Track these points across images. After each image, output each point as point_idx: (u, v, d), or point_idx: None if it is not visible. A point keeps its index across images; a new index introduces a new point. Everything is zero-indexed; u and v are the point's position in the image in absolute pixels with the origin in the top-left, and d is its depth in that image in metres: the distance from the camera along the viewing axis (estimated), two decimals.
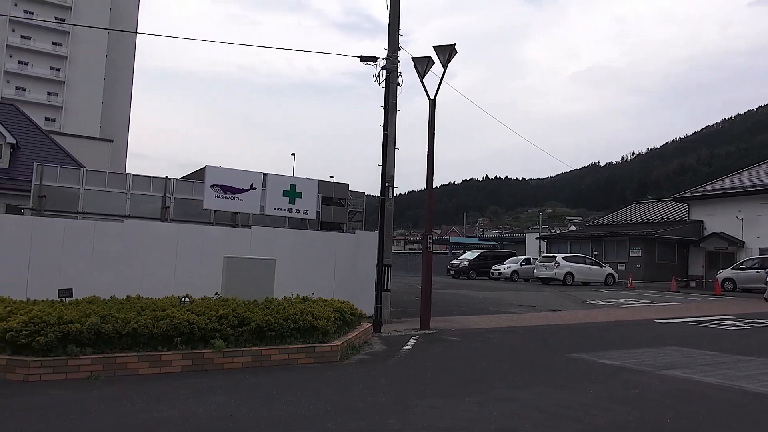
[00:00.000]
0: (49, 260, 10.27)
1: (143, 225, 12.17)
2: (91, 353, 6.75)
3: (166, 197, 14.46)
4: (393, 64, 12.45)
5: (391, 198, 12.51)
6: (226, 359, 7.42)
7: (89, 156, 28.95)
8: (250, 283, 8.96)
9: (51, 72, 70.92)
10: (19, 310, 6.98)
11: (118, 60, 75.15)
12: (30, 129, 26.88)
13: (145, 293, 8.90)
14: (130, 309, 7.57)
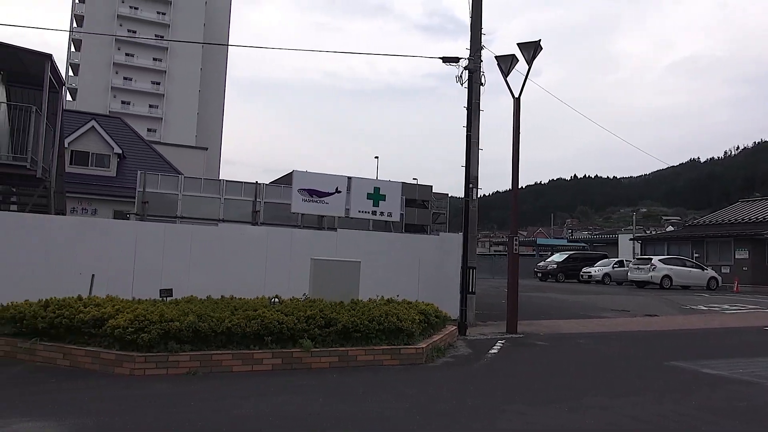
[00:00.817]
0: (151, 262, 10.95)
1: (236, 228, 12.72)
2: (190, 350, 7.12)
3: (256, 201, 15.07)
4: (475, 64, 12.30)
5: (475, 199, 12.35)
6: (314, 359, 7.59)
7: (186, 163, 30.68)
8: (336, 285, 9.14)
9: (152, 86, 75.89)
10: (126, 309, 7.49)
11: (212, 72, 79.26)
12: (134, 140, 28.87)
13: (238, 293, 9.30)
14: (224, 308, 7.92)
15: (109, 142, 25.68)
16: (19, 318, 7.57)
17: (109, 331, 7.09)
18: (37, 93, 14.80)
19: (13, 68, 14.69)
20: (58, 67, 14.60)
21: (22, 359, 7.36)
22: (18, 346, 7.44)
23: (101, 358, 7.00)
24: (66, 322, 7.34)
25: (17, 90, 15.88)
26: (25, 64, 14.11)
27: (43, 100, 13.83)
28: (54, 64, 14.10)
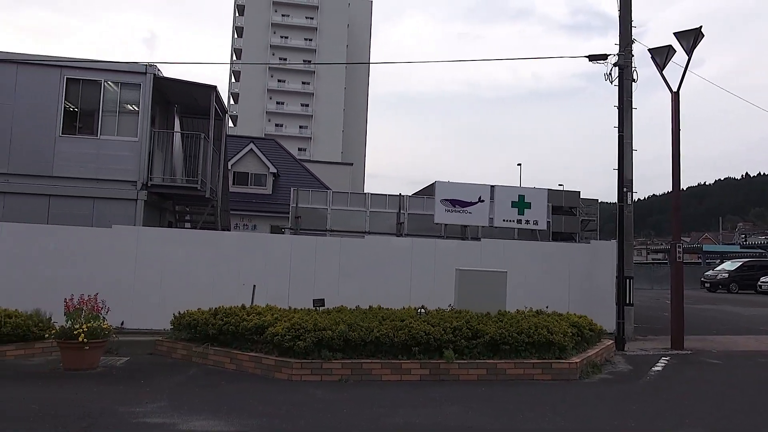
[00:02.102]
0: (304, 272, 11.58)
1: (381, 240, 13.06)
2: (341, 358, 7.39)
3: (400, 213, 15.36)
4: (626, 60, 11.52)
5: (629, 204, 11.51)
6: (462, 370, 7.50)
7: (333, 179, 32.20)
8: (481, 296, 8.98)
9: (301, 108, 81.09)
10: (283, 318, 7.98)
11: (355, 91, 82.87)
12: (286, 159, 30.94)
13: (384, 303, 9.51)
14: (372, 318, 8.13)
15: (266, 163, 27.78)
16: (193, 324, 8.38)
17: (269, 338, 7.59)
18: (204, 121, 16.44)
19: (185, 101, 16.49)
20: (221, 96, 16.12)
21: (197, 362, 8.13)
22: (193, 350, 8.24)
23: (262, 363, 7.50)
24: (232, 329, 7.99)
25: (188, 120, 17.79)
26: (194, 96, 15.76)
27: (210, 127, 15.32)
28: (218, 95, 15.58)
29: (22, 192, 13.62)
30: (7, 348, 7.91)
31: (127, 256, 10.74)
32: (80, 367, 7.39)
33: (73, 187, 13.81)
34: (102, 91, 14.27)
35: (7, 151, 13.76)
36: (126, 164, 14.05)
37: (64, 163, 13.87)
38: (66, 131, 14.07)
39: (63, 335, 7.39)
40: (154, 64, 14.22)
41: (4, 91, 13.89)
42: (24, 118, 13.90)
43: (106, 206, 13.77)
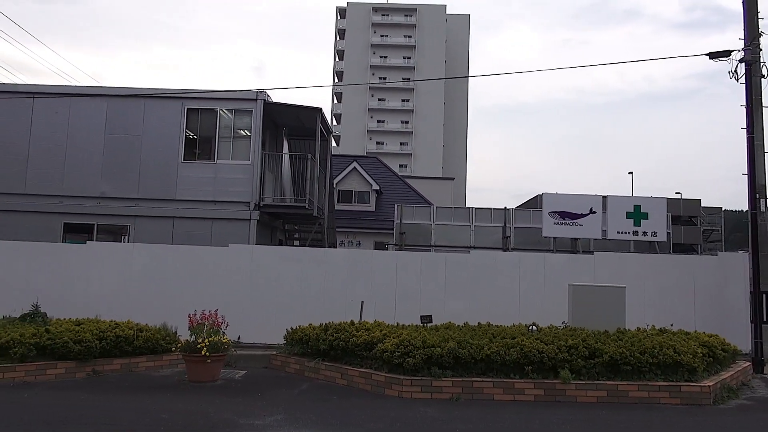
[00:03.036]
0: (410, 288, 11.58)
1: (487, 255, 12.80)
2: (451, 376, 7.26)
3: (506, 227, 15.02)
4: (754, 54, 10.56)
5: (764, 211, 10.48)
6: (579, 392, 7.11)
7: (434, 194, 32.19)
8: (598, 313, 8.50)
9: (401, 125, 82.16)
10: (392, 334, 7.99)
11: (455, 105, 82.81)
12: (388, 176, 31.38)
13: (492, 319, 9.27)
14: (482, 335, 7.94)
15: (369, 180, 28.33)
16: (305, 340, 8.61)
17: (378, 354, 7.62)
18: (311, 142, 17.06)
19: (292, 124, 17.22)
20: (326, 118, 16.66)
21: (309, 377, 8.33)
22: (305, 365, 8.46)
23: (372, 379, 7.54)
24: (342, 344, 8.12)
25: (295, 142, 18.56)
26: (301, 119, 16.42)
27: (316, 148, 15.87)
28: (323, 116, 16.12)
29: (150, 215, 14.78)
30: (139, 359, 8.53)
31: (242, 273, 11.29)
32: (203, 379, 7.81)
33: (193, 209, 14.80)
34: (218, 119, 15.24)
35: (137, 178, 15.02)
36: (240, 186, 14.85)
37: (186, 188, 14.92)
38: (187, 157, 15.15)
39: (187, 349, 7.85)
40: (264, 90, 14.99)
41: (134, 123, 15.22)
42: (151, 148, 15.13)
43: (223, 226, 14.61)
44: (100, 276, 11.11)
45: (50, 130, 15.31)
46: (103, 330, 8.32)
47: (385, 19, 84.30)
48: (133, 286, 11.04)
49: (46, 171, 15.16)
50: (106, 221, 14.97)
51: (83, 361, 7.97)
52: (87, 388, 7.26)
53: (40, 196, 15.03)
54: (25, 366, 7.58)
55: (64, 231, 14.82)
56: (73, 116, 15.33)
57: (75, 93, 15.57)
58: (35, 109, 15.41)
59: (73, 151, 15.21)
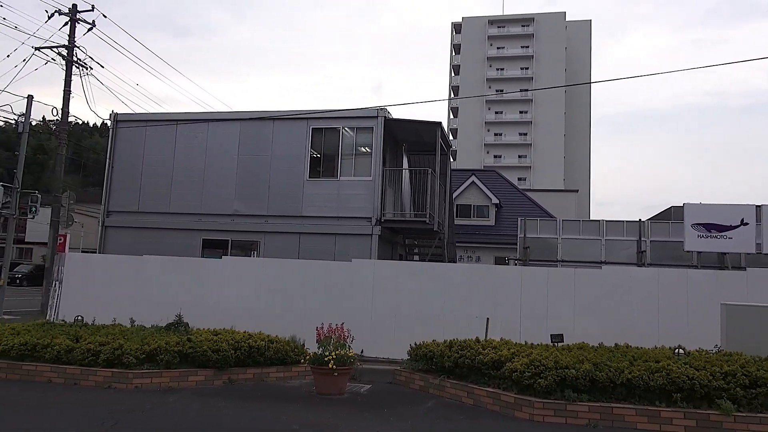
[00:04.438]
0: (536, 305, 11.05)
1: (620, 271, 11.95)
2: (587, 400, 6.76)
3: (640, 241, 13.95)
4: None
5: None
6: (739, 425, 6.32)
7: (556, 207, 30.88)
8: (758, 336, 7.56)
9: (519, 137, 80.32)
10: (521, 353, 7.62)
11: (576, 115, 79.61)
12: (508, 189, 30.61)
13: (627, 340, 8.58)
14: (620, 358, 7.34)
15: (487, 194, 27.81)
16: (429, 356, 8.47)
17: (507, 373, 7.29)
18: (429, 157, 17.04)
19: (411, 139, 17.32)
20: (446, 132, 16.58)
21: (434, 394, 8.16)
22: (430, 382, 8.30)
23: (501, 400, 7.21)
24: (468, 362, 7.87)
25: (414, 157, 18.64)
26: (420, 134, 16.47)
27: (436, 162, 15.81)
28: (443, 130, 16.06)
29: (278, 231, 15.49)
30: (270, 370, 8.84)
31: (364, 287, 11.41)
32: (330, 392, 7.92)
33: (317, 224, 15.30)
34: (340, 137, 15.70)
35: (266, 196, 15.83)
36: (362, 202, 15.14)
37: (311, 204, 15.48)
38: (312, 175, 15.73)
39: (315, 361, 8.01)
40: (384, 107, 15.22)
41: (264, 143, 16.09)
42: (279, 167, 15.90)
43: (346, 241, 14.94)
44: (233, 288, 11.75)
45: (191, 153, 16.62)
46: (237, 340, 8.73)
47: (501, 31, 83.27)
48: (262, 299, 11.56)
49: (187, 191, 16.44)
50: (238, 237, 15.91)
51: (220, 370, 8.40)
52: (224, 396, 7.62)
53: (182, 215, 16.31)
54: (170, 372, 8.12)
55: (202, 246, 15.94)
56: (210, 140, 16.54)
57: (212, 119, 16.79)
58: (178, 135, 16.82)
59: (210, 173, 16.38)
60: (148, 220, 16.52)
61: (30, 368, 8.20)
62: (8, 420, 6.26)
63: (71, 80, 19.23)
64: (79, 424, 6.18)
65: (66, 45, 19.13)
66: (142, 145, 17.06)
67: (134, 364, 8.00)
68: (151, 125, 17.04)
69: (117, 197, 17.08)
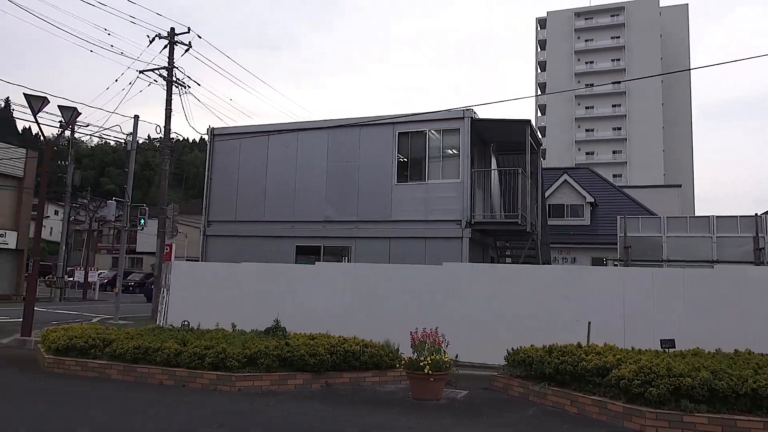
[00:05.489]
0: (640, 308, 10.39)
1: (735, 270, 11.03)
2: (706, 411, 6.23)
3: (757, 237, 12.81)
4: None
5: None
6: None
7: (657, 204, 29.16)
8: None
9: (613, 132, 76.74)
10: (628, 359, 7.16)
11: (674, 106, 75.05)
12: (603, 186, 29.27)
13: (746, 346, 7.92)
14: (743, 365, 6.72)
15: (581, 192, 26.71)
16: (528, 362, 8.17)
17: (613, 381, 6.87)
18: (518, 156, 16.58)
19: (499, 139, 16.94)
20: (535, 130, 16.07)
21: (534, 401, 7.85)
22: (530, 388, 8.00)
23: (608, 409, 6.81)
24: (570, 368, 7.51)
25: (503, 157, 18.22)
26: (508, 133, 16.07)
27: (525, 161, 15.35)
28: (532, 128, 15.58)
29: (368, 236, 15.63)
30: (365, 374, 8.88)
31: (455, 291, 11.24)
32: (426, 397, 7.82)
33: (407, 228, 15.29)
34: (427, 140, 15.62)
35: (356, 202, 16.03)
36: (450, 205, 14.97)
37: (399, 208, 15.50)
38: (399, 180, 15.76)
39: (411, 366, 7.94)
40: (470, 108, 14.99)
41: (352, 150, 16.32)
42: (367, 172, 16.06)
43: (435, 245, 14.82)
44: (325, 293, 11.96)
45: (282, 162, 17.15)
46: (333, 345, 8.84)
47: (589, 23, 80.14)
48: (354, 303, 11.67)
49: (280, 199, 16.98)
50: (330, 243, 16.21)
51: (317, 374, 8.53)
52: (321, 399, 7.72)
53: (276, 222, 16.86)
54: (270, 375, 8.34)
55: (296, 253, 16.38)
56: (300, 149, 17.00)
57: (301, 128, 17.25)
58: (270, 146, 17.41)
59: (301, 180, 16.82)
60: (245, 228, 17.20)
61: (143, 370, 8.71)
62: (128, 419, 6.65)
63: (171, 99, 20.44)
64: (188, 423, 6.46)
65: (166, 66, 20.37)
66: (237, 156, 17.81)
67: (236, 368, 8.28)
68: (244, 137, 17.77)
69: (216, 208, 17.93)
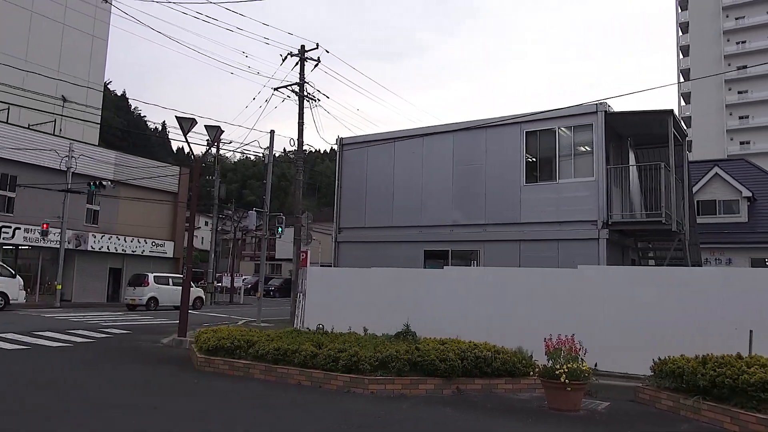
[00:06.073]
0: None
1: None
2: None
3: None
4: None
5: None
6: None
7: None
8: None
9: None
10: None
11: None
12: (761, 179, 26.20)
13: None
14: None
15: (736, 186, 24.14)
16: (678, 373, 7.47)
17: None
18: (660, 150, 15.34)
19: (637, 132, 15.78)
20: (679, 120, 14.78)
21: (686, 416, 7.16)
22: (681, 402, 7.31)
23: None
24: (729, 382, 6.75)
25: (641, 151, 16.95)
26: (647, 125, 14.91)
27: (669, 154, 14.16)
28: (675, 119, 14.34)
29: (497, 239, 15.28)
30: (498, 381, 8.64)
31: (593, 295, 10.59)
32: (564, 407, 7.43)
33: (537, 231, 14.74)
34: (557, 138, 14.98)
35: (483, 205, 15.77)
36: (584, 204, 14.21)
37: (529, 210, 14.99)
38: (528, 180, 15.25)
39: (545, 374, 7.59)
40: (604, 101, 14.13)
41: (477, 152, 16.10)
42: (494, 174, 15.74)
43: (569, 247, 14.13)
44: (454, 298, 11.83)
45: (408, 168, 17.33)
46: (463, 350, 8.71)
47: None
48: (484, 308, 11.42)
49: (407, 205, 17.16)
50: (458, 247, 16.07)
51: (448, 379, 8.44)
52: (454, 406, 7.62)
53: (403, 228, 17.06)
54: (401, 379, 8.40)
55: (424, 257, 16.44)
56: (426, 154, 17.07)
57: (426, 133, 17.32)
58: (396, 152, 17.68)
59: (427, 185, 16.88)
60: (374, 234, 17.59)
61: (283, 371, 9.17)
62: (272, 417, 7.03)
63: (303, 113, 21.49)
64: (323, 423, 6.67)
65: (297, 82, 21.47)
66: (364, 164, 18.29)
67: (369, 371, 8.44)
68: (371, 145, 18.21)
69: (346, 215, 18.53)
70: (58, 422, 6.30)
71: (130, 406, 7.18)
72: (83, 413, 6.66)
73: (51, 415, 6.55)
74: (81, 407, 6.92)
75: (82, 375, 9.42)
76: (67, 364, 10.37)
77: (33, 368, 9.87)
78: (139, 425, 6.29)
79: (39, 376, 9.22)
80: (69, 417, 6.54)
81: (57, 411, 6.78)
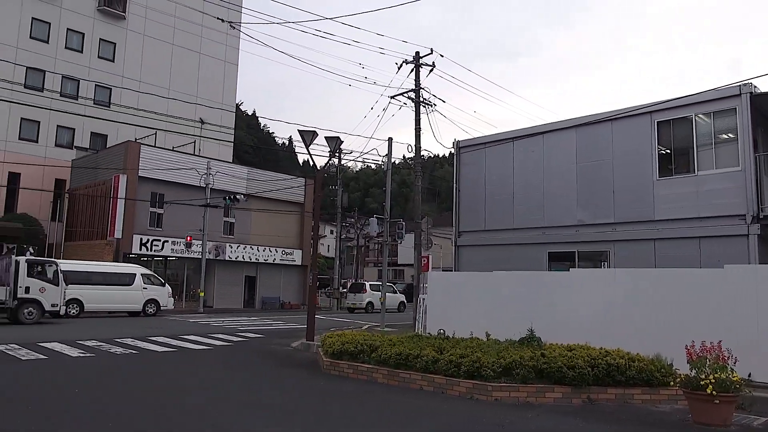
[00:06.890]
0: None
1: None
2: None
3: None
4: None
5: None
6: None
7: None
8: None
9: None
10: None
11: None
12: None
13: None
14: None
15: None
16: None
17: None
18: None
19: None
20: None
21: None
22: None
23: None
24: None
25: None
26: None
27: None
28: None
29: (628, 239, 14.29)
30: (633, 391, 8.01)
31: (743, 298, 9.52)
32: (711, 422, 6.71)
33: (674, 228, 13.59)
34: (693, 126, 13.76)
35: (611, 203, 14.84)
36: (728, 198, 12.89)
37: (664, 206, 13.87)
38: (662, 174, 14.13)
39: (688, 384, 6.91)
40: (749, 82, 12.73)
41: (603, 147, 15.19)
42: (622, 169, 14.76)
43: (712, 245, 12.88)
44: (582, 302, 11.20)
45: (528, 168, 16.76)
46: (593, 357, 8.20)
47: None
48: (615, 312, 10.69)
49: (528, 206, 16.59)
50: (584, 248, 15.23)
51: (577, 388, 7.98)
52: (584, 416, 7.17)
53: (525, 230, 16.50)
54: (527, 387, 8.06)
55: (548, 260, 15.77)
56: (546, 152, 16.41)
57: (546, 130, 16.65)
58: (515, 152, 17.18)
59: (549, 184, 16.20)
60: (494, 237, 17.19)
61: (405, 376, 9.19)
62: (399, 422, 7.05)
63: (420, 118, 21.62)
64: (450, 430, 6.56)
65: (413, 89, 21.64)
66: (482, 166, 17.96)
67: (492, 377, 8.20)
68: (488, 146, 17.84)
69: (465, 218, 18.29)
70: (213, 417, 6.78)
71: (267, 406, 7.56)
72: (229, 411, 7.10)
73: (204, 414, 7.07)
74: (227, 406, 7.38)
75: (223, 376, 10.09)
76: (209, 367, 11.19)
77: (181, 370, 10.76)
78: (278, 425, 6.59)
79: (187, 378, 10.03)
80: (217, 414, 7.01)
81: (207, 410, 7.30)
